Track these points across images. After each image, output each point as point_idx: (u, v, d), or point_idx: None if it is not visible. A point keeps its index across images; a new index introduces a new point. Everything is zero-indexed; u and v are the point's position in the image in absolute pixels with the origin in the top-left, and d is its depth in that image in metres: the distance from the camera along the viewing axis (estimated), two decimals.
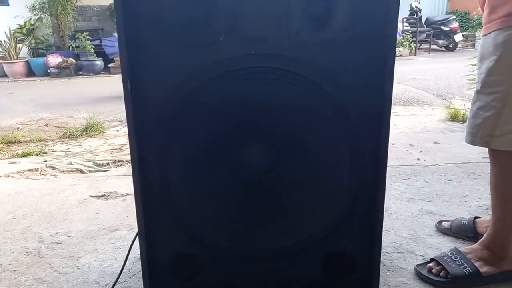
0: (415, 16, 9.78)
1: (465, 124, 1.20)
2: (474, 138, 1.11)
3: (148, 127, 0.88)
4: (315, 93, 0.87)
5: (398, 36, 9.35)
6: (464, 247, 1.29)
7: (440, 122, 3.23)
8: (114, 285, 1.17)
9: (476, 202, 1.71)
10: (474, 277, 1.18)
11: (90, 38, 7.54)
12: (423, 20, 10.09)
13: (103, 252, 1.43)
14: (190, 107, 0.88)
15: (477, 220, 1.43)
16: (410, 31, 9.41)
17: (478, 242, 1.26)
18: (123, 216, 1.69)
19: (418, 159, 2.32)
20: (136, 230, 1.53)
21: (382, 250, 1.34)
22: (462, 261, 1.22)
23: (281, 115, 0.88)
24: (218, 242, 0.97)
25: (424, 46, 9.90)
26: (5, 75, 7.36)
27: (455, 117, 3.26)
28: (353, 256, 0.99)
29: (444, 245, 1.40)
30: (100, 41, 7.73)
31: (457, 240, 1.43)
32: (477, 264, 1.20)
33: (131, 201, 1.85)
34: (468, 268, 1.20)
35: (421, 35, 9.69)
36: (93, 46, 7.53)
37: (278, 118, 0.89)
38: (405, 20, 9.75)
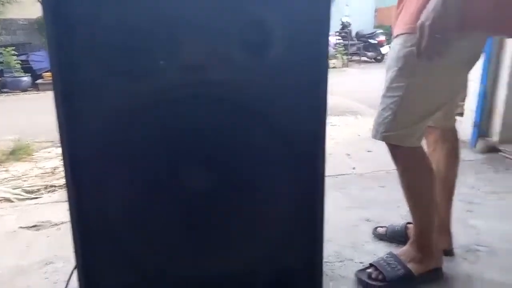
0: (345, 30, 10.39)
1: None
2: (376, 134, 1.24)
3: (84, 156, 0.85)
4: (251, 117, 0.89)
5: (331, 48, 9.84)
6: (398, 250, 1.38)
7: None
8: None
9: (407, 207, 1.83)
10: (406, 278, 1.27)
11: (16, 53, 7.04)
12: (353, 34, 10.74)
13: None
14: (127, 135, 0.86)
15: (408, 225, 1.54)
16: (342, 44, 9.95)
17: (407, 244, 1.36)
18: (57, 247, 1.59)
19: (353, 168, 2.45)
20: (73, 261, 1.45)
21: (324, 260, 1.40)
22: (397, 264, 1.30)
23: (219, 140, 0.90)
24: (161, 269, 0.95)
25: (355, 58, 10.50)
26: None
27: None
28: (296, 271, 1.02)
29: (381, 250, 1.48)
30: (28, 56, 7.25)
31: (392, 244, 1.52)
32: (409, 265, 1.30)
33: (65, 230, 1.74)
34: (402, 270, 1.28)
35: (352, 47, 10.30)
36: (20, 62, 7.04)
37: (217, 143, 0.90)
38: (337, 33, 10.30)
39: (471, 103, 2.86)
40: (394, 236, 1.54)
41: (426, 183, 1.26)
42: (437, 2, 1.01)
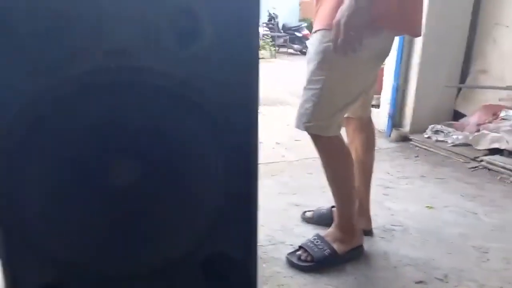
0: (273, 22, 10.60)
1: None
2: (299, 124, 1.32)
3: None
4: (180, 105, 0.89)
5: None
6: (324, 232, 1.49)
7: None
8: None
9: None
10: (332, 257, 1.38)
11: None
12: (280, 26, 11.00)
13: None
14: (46, 124, 0.80)
15: (333, 209, 1.65)
16: (269, 36, 10.15)
17: (332, 226, 1.47)
18: None
19: (283, 156, 2.56)
20: None
21: (258, 243, 1.46)
22: (323, 245, 1.41)
23: (146, 129, 0.88)
24: (88, 265, 0.92)
25: (282, 50, 10.79)
26: None
27: None
28: (232, 257, 1.05)
29: (309, 233, 1.58)
30: None
31: (319, 227, 1.63)
32: (334, 245, 1.41)
33: None
34: (328, 250, 1.39)
35: (279, 39, 10.55)
36: None
37: (144, 132, 0.88)
38: (264, 25, 10.48)
39: (386, 96, 3.13)
40: (321, 219, 1.65)
41: (345, 170, 1.38)
42: (351, 1, 1.10)
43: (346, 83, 1.27)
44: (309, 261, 1.38)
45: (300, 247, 1.43)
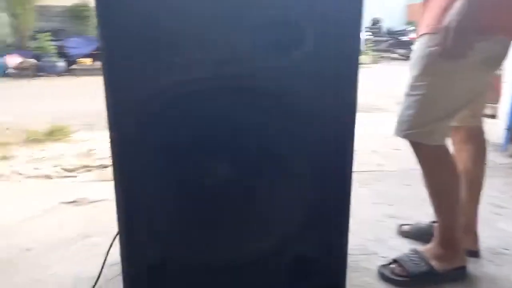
0: (376, 26, 10.22)
1: None
2: (399, 132, 1.27)
3: (127, 140, 0.92)
4: (280, 109, 0.94)
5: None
6: (422, 247, 1.40)
7: None
8: None
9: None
10: (429, 274, 1.30)
11: (52, 38, 7.31)
12: (384, 30, 10.55)
13: (77, 258, 1.43)
14: (164, 120, 0.92)
15: (434, 224, 1.55)
16: (372, 40, 9.81)
17: (431, 241, 1.38)
18: (95, 223, 1.69)
19: (379, 165, 2.46)
20: (109, 236, 1.55)
21: (348, 253, 1.44)
22: (420, 261, 1.33)
23: (247, 129, 0.95)
24: (188, 252, 1.01)
25: (385, 55, 10.34)
26: None
27: None
28: (319, 260, 1.06)
29: (405, 247, 1.50)
30: (62, 42, 7.50)
31: (416, 242, 1.54)
32: (432, 262, 1.32)
33: (102, 207, 1.85)
34: (425, 266, 1.31)
35: (383, 44, 10.12)
36: (55, 47, 7.31)
37: (245, 132, 0.95)
38: (367, 29, 10.16)
39: (505, 107, 2.81)
40: (419, 234, 1.56)
41: (449, 182, 1.28)
42: (462, 5, 1.04)
43: (451, 90, 1.19)
44: (404, 276, 1.31)
45: (395, 261, 1.37)
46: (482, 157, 1.41)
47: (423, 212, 1.77)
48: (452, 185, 1.28)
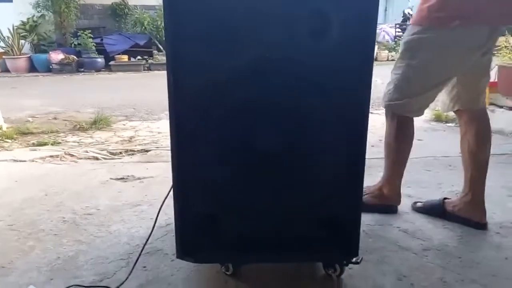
0: (407, 23, 10.12)
1: (448, 124, 1.61)
2: (382, 102, 1.63)
3: (185, 115, 1.12)
4: (311, 88, 1.13)
5: (390, 41, 9.68)
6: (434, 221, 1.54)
7: (425, 122, 3.50)
8: (145, 244, 1.40)
9: (449, 188, 1.97)
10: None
11: (92, 36, 7.74)
12: None
13: (129, 221, 1.67)
14: (220, 100, 1.13)
15: (446, 200, 1.70)
16: (401, 37, 9.73)
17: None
18: (142, 195, 1.94)
19: None
20: (154, 205, 1.79)
21: (365, 223, 1.61)
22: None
23: (287, 107, 1.14)
24: (238, 203, 1.21)
25: None
26: (7, 70, 7.53)
27: (438, 118, 3.53)
28: (342, 218, 1.24)
29: (417, 220, 1.66)
30: (101, 39, 7.92)
31: (428, 217, 1.69)
32: (366, 196, 1.69)
33: (147, 183, 2.09)
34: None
35: None
36: (95, 44, 7.73)
37: (285, 109, 1.15)
38: (397, 26, 10.08)
39: None
40: (431, 209, 1.70)
41: (404, 145, 1.63)
42: None
43: (424, 72, 1.48)
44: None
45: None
46: (485, 138, 1.54)
47: (438, 193, 1.92)
48: (404, 147, 1.63)
